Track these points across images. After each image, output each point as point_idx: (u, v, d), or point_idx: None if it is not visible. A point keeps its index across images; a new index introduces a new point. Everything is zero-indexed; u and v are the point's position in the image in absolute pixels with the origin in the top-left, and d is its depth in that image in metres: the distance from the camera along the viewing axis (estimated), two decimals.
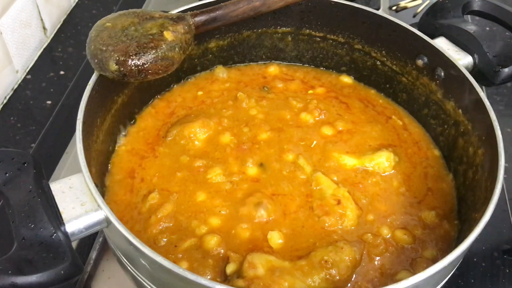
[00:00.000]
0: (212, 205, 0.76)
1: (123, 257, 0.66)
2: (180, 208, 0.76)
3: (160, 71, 0.74)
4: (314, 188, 0.78)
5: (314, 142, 0.85)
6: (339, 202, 0.76)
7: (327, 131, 0.87)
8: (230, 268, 0.68)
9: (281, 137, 0.86)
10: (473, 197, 0.75)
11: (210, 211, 0.75)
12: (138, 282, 0.67)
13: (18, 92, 1.12)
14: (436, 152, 0.87)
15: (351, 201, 0.76)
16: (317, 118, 0.88)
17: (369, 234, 0.74)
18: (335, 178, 0.80)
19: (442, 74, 0.84)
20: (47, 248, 0.58)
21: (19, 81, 1.14)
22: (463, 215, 0.77)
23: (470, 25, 0.87)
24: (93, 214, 0.62)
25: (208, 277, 0.68)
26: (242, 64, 1.00)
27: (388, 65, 0.93)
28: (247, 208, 0.75)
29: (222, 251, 0.71)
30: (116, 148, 0.84)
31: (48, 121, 1.05)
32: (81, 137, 0.68)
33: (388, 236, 0.74)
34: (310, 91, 0.95)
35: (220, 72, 0.97)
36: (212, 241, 0.71)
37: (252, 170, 0.80)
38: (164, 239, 0.72)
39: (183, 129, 0.84)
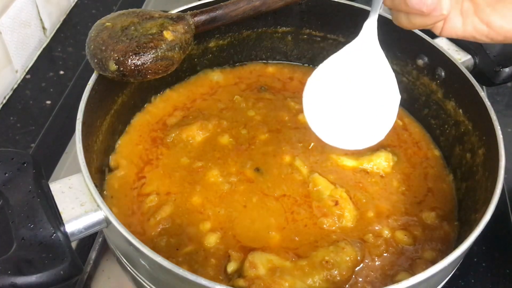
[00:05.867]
0: (211, 205, 0.76)
1: (123, 258, 0.66)
2: (178, 210, 0.75)
3: (160, 71, 0.74)
4: (312, 189, 0.78)
5: (312, 144, 0.85)
6: (337, 203, 0.76)
7: None
8: (231, 267, 0.68)
9: (279, 139, 0.85)
10: (474, 198, 0.75)
11: (210, 211, 0.75)
12: (138, 283, 0.66)
13: (18, 92, 1.11)
14: (436, 152, 0.87)
15: (349, 201, 0.76)
16: None
17: (370, 235, 0.74)
18: (333, 179, 0.80)
19: (443, 74, 0.84)
20: (46, 248, 0.58)
21: (19, 81, 1.13)
22: (463, 216, 0.77)
23: None
24: (92, 214, 0.62)
25: (210, 274, 0.68)
26: (241, 64, 1.00)
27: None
28: (246, 208, 0.76)
29: (222, 247, 0.71)
30: (115, 148, 0.84)
31: (47, 121, 1.05)
32: (80, 137, 0.67)
33: (388, 237, 0.74)
34: None
35: (219, 73, 0.97)
36: (213, 239, 0.72)
37: (250, 171, 0.80)
38: (163, 241, 0.72)
39: (181, 131, 0.84)
